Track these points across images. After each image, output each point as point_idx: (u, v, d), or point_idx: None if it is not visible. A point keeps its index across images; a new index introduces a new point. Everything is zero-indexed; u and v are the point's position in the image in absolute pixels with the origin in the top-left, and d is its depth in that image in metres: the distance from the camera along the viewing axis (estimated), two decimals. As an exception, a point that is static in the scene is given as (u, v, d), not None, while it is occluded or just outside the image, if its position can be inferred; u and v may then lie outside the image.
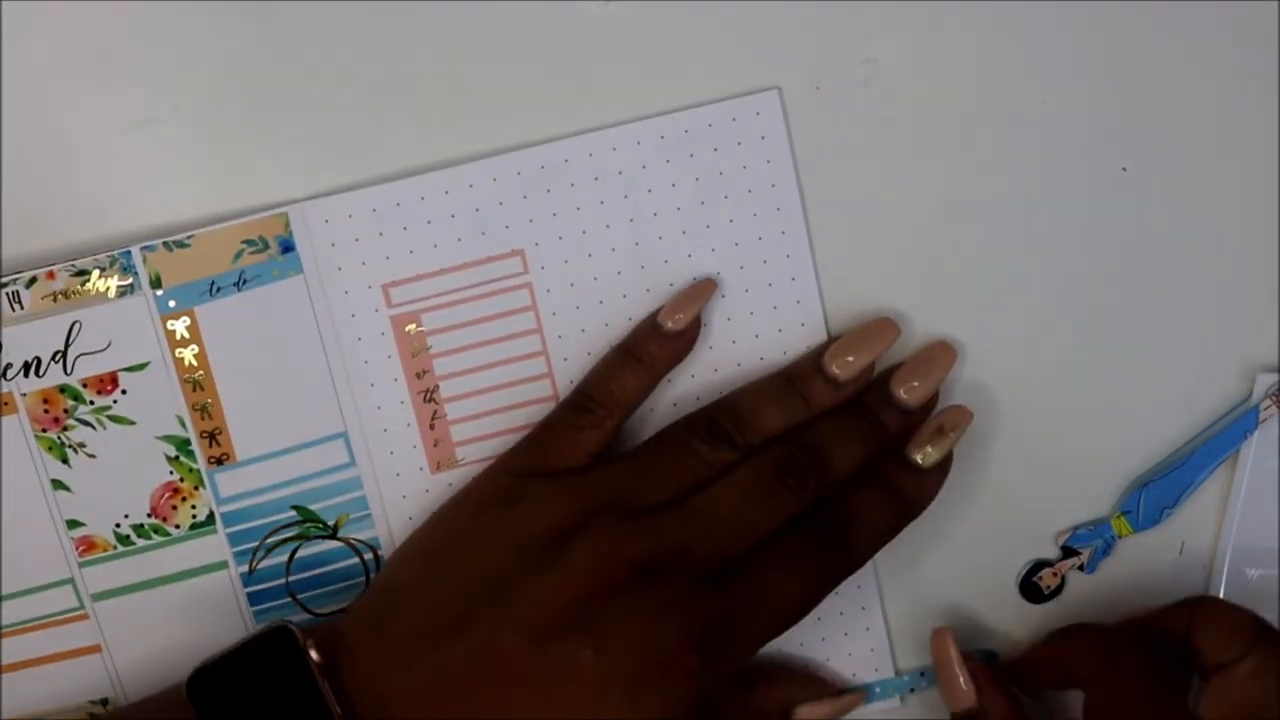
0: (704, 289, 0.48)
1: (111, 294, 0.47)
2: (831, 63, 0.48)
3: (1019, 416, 0.50)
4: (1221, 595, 0.51)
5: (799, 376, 0.47)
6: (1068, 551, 0.50)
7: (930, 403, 0.48)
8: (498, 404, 0.49)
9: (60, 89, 0.47)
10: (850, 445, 0.46)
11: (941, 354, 0.48)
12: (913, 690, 0.50)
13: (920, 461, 0.46)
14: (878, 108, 0.48)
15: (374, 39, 0.48)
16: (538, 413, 0.48)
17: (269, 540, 0.49)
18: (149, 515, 0.48)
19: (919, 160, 0.49)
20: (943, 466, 0.47)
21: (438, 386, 0.48)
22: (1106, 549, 0.50)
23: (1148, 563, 0.51)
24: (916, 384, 0.47)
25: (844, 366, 0.47)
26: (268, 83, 0.48)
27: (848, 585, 0.48)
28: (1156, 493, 0.50)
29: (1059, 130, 0.49)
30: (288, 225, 0.47)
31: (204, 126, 0.48)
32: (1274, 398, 0.49)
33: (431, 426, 0.48)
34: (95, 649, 0.49)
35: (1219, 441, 0.49)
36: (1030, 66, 0.48)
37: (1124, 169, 0.49)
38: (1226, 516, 0.50)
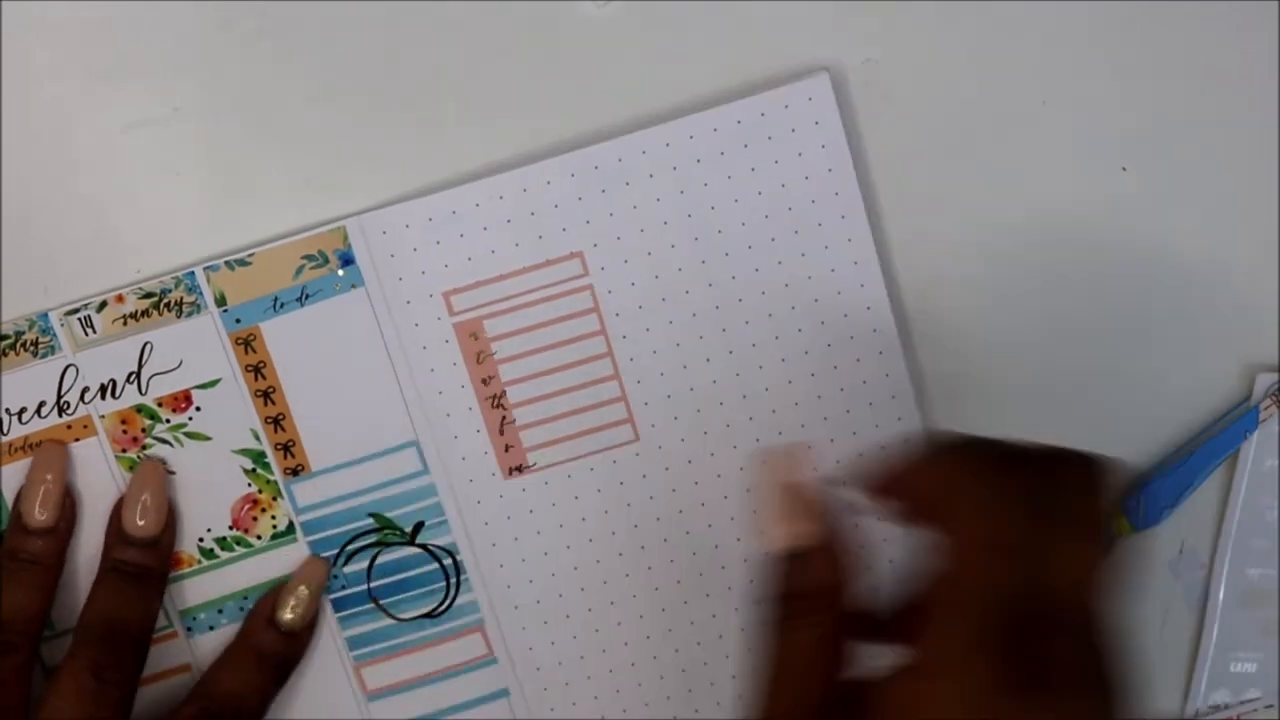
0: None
1: (178, 314, 0.48)
2: (832, 61, 0.47)
3: (1018, 416, 0.49)
4: (1221, 596, 0.51)
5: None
6: None
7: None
8: (567, 407, 0.49)
9: (60, 89, 0.47)
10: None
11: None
12: None
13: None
14: (878, 107, 0.48)
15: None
16: (608, 414, 0.48)
17: (349, 548, 0.49)
18: (231, 528, 0.49)
19: (920, 159, 0.48)
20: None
21: (505, 392, 0.48)
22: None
23: (1148, 563, 0.51)
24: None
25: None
26: (274, 85, 0.47)
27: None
28: (1156, 493, 0.50)
29: (1059, 130, 0.48)
30: (346, 239, 0.47)
31: (204, 126, 0.48)
32: (1274, 398, 0.49)
33: (501, 432, 0.48)
34: (186, 668, 0.49)
35: (1219, 441, 0.49)
36: (1030, 66, 0.48)
37: (1124, 169, 0.48)
38: (1226, 516, 0.50)
